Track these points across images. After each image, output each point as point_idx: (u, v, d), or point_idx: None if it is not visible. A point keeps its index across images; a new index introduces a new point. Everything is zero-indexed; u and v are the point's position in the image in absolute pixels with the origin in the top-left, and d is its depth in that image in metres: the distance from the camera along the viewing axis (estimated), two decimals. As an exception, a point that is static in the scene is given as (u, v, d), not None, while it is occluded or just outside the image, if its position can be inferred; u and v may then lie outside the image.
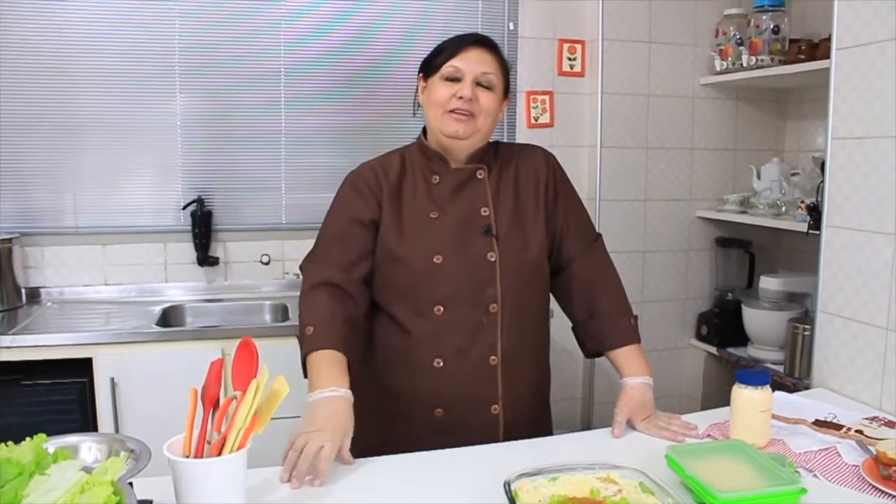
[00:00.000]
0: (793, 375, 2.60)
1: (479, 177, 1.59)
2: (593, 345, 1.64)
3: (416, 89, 1.64)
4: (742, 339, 2.98)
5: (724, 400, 1.47)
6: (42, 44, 2.63)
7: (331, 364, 1.40)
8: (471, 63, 1.52)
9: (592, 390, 3.15)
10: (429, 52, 1.59)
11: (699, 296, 3.26)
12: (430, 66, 1.57)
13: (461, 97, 1.50)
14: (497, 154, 1.64)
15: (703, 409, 1.70)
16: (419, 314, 1.52)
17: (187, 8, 2.74)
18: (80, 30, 2.66)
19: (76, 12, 2.65)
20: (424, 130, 1.64)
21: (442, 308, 1.51)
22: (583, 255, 1.66)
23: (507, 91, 1.60)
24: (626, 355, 1.59)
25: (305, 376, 1.44)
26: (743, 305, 2.92)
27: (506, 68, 1.59)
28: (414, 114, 1.66)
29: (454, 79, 1.52)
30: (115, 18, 2.68)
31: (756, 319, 2.86)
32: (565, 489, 1.14)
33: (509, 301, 1.53)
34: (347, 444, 1.33)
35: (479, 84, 1.52)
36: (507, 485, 1.14)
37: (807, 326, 2.49)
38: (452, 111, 1.51)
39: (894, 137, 1.67)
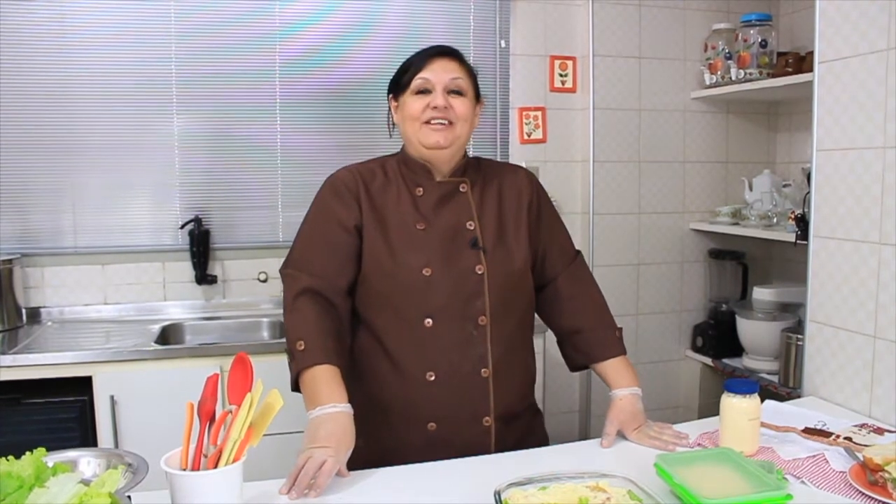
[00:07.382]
0: (787, 385, 2.62)
1: (462, 190, 1.60)
2: (580, 358, 1.66)
3: (389, 110, 1.65)
4: (737, 349, 2.99)
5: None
6: (41, 67, 2.67)
7: (327, 379, 1.41)
8: (438, 73, 1.54)
9: (589, 403, 3.15)
10: (395, 73, 1.61)
11: (694, 307, 3.28)
12: (398, 85, 1.59)
13: (435, 107, 1.52)
14: (479, 169, 1.66)
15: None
16: (407, 327, 1.52)
17: (184, 30, 2.78)
18: (79, 52, 2.70)
19: (75, 35, 2.69)
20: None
21: (431, 321, 1.51)
22: (565, 271, 1.69)
23: (478, 96, 1.62)
24: (613, 367, 1.61)
25: (294, 390, 1.46)
26: (737, 316, 2.94)
27: (473, 74, 1.61)
28: (391, 135, 1.68)
29: (425, 90, 1.54)
30: (114, 41, 2.72)
31: (750, 330, 2.88)
32: (555, 498, 1.16)
33: (498, 313, 1.54)
34: (347, 457, 1.35)
35: (450, 91, 1.54)
36: (497, 494, 1.16)
37: (800, 336, 2.50)
38: (428, 122, 1.53)
39: (877, 148, 1.70)
